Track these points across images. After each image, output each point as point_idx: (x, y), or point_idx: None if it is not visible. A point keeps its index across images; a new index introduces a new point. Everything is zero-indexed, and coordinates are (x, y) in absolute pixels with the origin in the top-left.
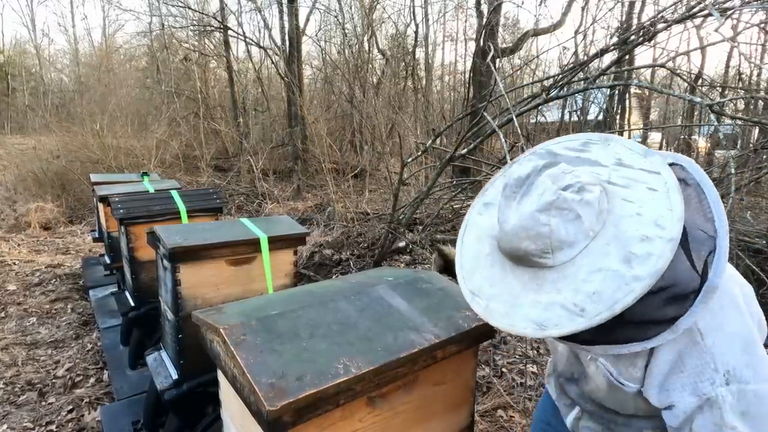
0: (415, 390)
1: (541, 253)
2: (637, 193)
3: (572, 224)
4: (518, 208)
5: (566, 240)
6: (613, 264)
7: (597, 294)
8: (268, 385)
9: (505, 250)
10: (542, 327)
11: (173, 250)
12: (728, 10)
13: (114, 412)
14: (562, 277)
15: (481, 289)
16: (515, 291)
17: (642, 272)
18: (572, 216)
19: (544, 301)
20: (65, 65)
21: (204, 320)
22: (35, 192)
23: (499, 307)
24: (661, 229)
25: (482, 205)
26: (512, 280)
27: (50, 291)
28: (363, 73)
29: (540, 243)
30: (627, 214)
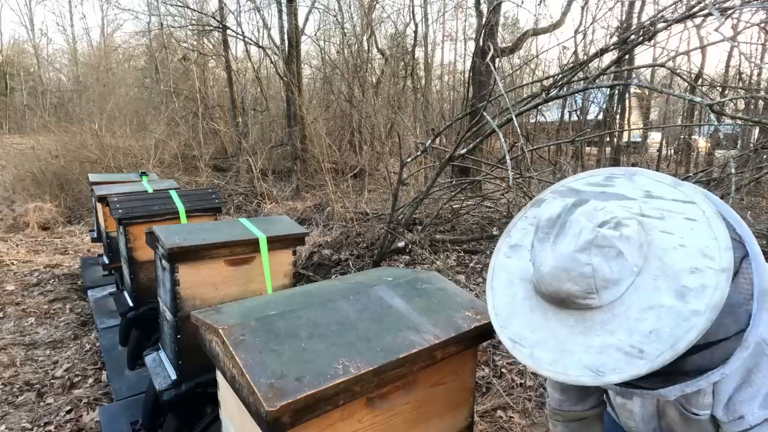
0: (414, 390)
1: (586, 294)
2: (676, 224)
3: (615, 261)
4: (555, 249)
5: (611, 278)
6: (666, 300)
7: (655, 333)
8: (267, 386)
9: (546, 293)
10: (599, 373)
11: (172, 250)
12: (728, 9)
13: (112, 412)
14: (612, 318)
15: (522, 337)
16: (561, 336)
17: (700, 306)
18: (614, 253)
19: (597, 344)
20: (64, 65)
21: (203, 320)
22: (33, 192)
23: (545, 355)
24: (710, 259)
25: (508, 247)
26: (556, 324)
27: (49, 291)
28: (362, 73)
29: (583, 284)
30: (670, 246)
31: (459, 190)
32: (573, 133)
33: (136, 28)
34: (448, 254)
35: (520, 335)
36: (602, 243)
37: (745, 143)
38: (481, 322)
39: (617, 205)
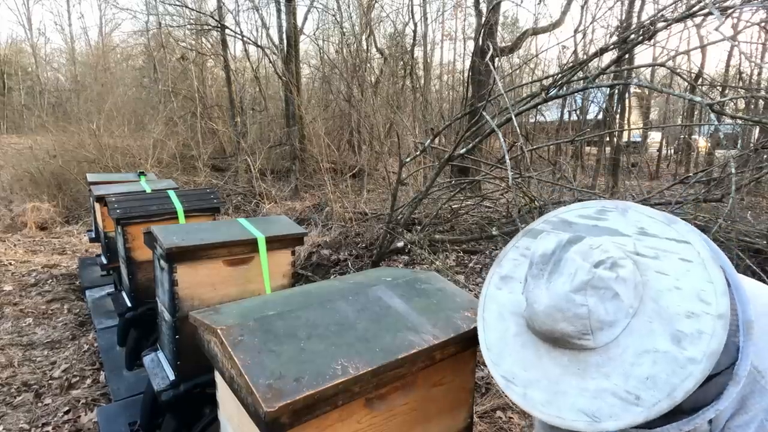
0: (413, 391)
1: (581, 335)
2: (670, 265)
3: (611, 303)
4: (549, 288)
5: (606, 320)
6: (662, 344)
7: (651, 380)
8: (265, 386)
9: (539, 331)
10: (595, 419)
11: (170, 250)
12: (728, 8)
13: (111, 413)
14: (607, 360)
15: (514, 375)
16: (554, 376)
17: (696, 353)
18: (610, 295)
19: (592, 388)
20: (62, 64)
21: (201, 321)
22: (31, 192)
23: (538, 395)
24: (706, 304)
25: (499, 279)
26: (549, 363)
27: (47, 291)
28: (361, 73)
29: (578, 324)
30: (665, 288)
31: (458, 190)
32: (573, 133)
33: (135, 28)
34: (448, 254)
35: (512, 373)
36: (598, 284)
37: (745, 143)
38: None
39: (611, 242)
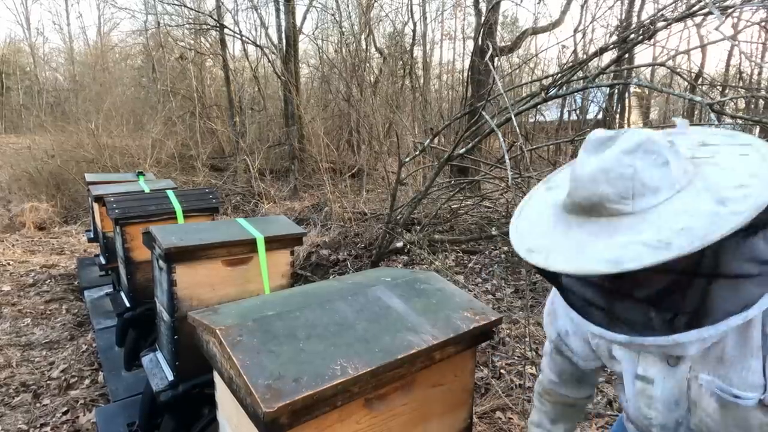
0: (413, 391)
1: (620, 199)
2: (727, 159)
3: (659, 169)
4: (600, 156)
5: (650, 185)
6: (705, 206)
7: (686, 229)
8: (264, 387)
9: (576, 200)
10: (617, 263)
11: (169, 250)
12: (729, 8)
13: (109, 413)
14: (641, 221)
15: (539, 246)
16: (582, 241)
17: (740, 208)
18: (661, 160)
19: (621, 241)
20: (60, 64)
21: (200, 321)
22: (30, 192)
23: (561, 257)
24: (756, 177)
25: (546, 188)
26: (578, 233)
27: (45, 292)
28: (360, 72)
29: (620, 186)
30: (721, 168)
31: (458, 190)
32: (572, 133)
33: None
34: (447, 254)
35: (537, 244)
36: (651, 148)
37: None
38: (479, 322)
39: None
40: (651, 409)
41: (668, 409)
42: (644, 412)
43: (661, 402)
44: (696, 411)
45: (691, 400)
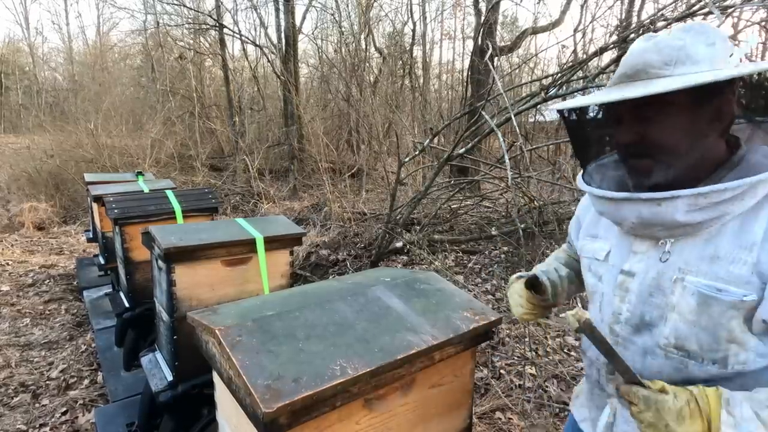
0: (412, 392)
1: (663, 65)
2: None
3: (705, 47)
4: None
5: (694, 57)
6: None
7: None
8: (263, 387)
9: (623, 70)
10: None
11: (168, 250)
12: (729, 8)
13: (108, 414)
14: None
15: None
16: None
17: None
18: (710, 40)
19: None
20: (59, 64)
21: (199, 321)
22: (29, 192)
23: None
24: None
25: None
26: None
27: (44, 292)
28: (360, 72)
29: (666, 53)
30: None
31: (457, 189)
32: None
33: (132, 27)
34: (447, 254)
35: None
36: (702, 30)
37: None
38: (479, 323)
39: None
40: (624, 302)
41: (641, 301)
42: (616, 308)
43: (636, 294)
44: (671, 317)
45: (670, 305)
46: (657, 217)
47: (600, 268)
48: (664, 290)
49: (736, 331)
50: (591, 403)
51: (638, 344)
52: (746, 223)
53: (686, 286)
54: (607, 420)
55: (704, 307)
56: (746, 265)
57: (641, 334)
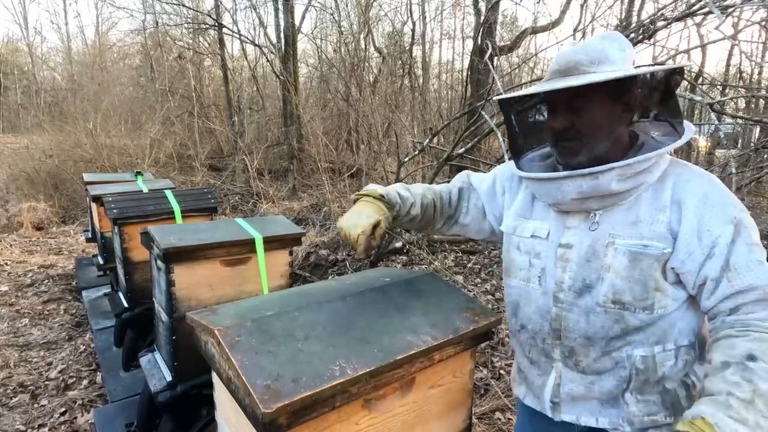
0: (412, 392)
1: (589, 63)
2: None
3: (619, 52)
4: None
5: (611, 58)
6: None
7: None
8: (263, 387)
9: (555, 68)
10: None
11: (167, 250)
12: (729, 7)
13: (107, 414)
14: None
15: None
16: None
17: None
18: (622, 46)
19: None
20: (58, 63)
21: (198, 321)
22: (28, 192)
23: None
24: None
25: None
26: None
27: (43, 292)
28: (359, 72)
29: (591, 55)
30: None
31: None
32: None
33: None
34: (446, 254)
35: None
36: (616, 37)
37: (745, 142)
38: (479, 323)
39: None
40: (566, 272)
41: (580, 267)
42: (559, 277)
43: (576, 262)
44: (607, 277)
45: (605, 266)
46: (595, 189)
47: (538, 246)
48: (599, 255)
49: (659, 281)
50: (531, 373)
51: (581, 306)
52: (656, 192)
53: (617, 248)
54: (554, 382)
55: (635, 262)
56: (663, 224)
57: (583, 297)
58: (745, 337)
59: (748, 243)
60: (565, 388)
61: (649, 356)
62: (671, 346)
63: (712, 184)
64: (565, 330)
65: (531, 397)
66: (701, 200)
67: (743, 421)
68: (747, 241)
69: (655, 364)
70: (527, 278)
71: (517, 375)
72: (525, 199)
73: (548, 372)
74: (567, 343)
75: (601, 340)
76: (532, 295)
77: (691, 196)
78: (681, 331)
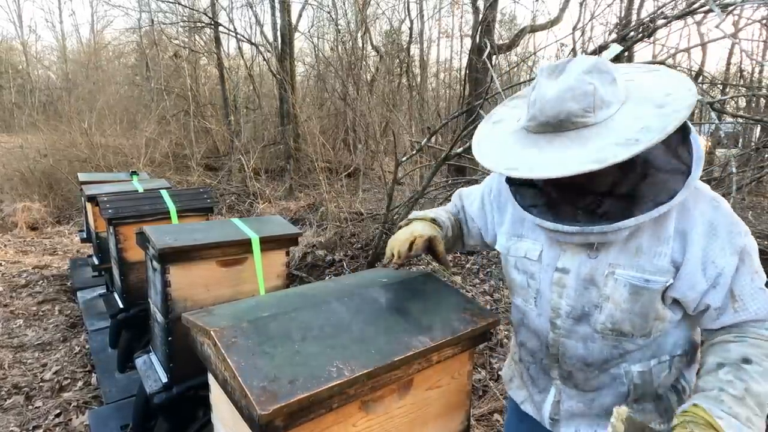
0: (409, 394)
1: (584, 113)
2: (644, 78)
3: (610, 86)
4: (560, 79)
5: (606, 99)
6: (650, 111)
7: (646, 128)
8: (259, 389)
9: (543, 120)
10: (601, 161)
11: (163, 250)
12: (729, 5)
13: (102, 416)
14: (606, 129)
15: (519, 164)
16: (558, 154)
17: (677, 107)
18: (611, 78)
19: (595, 146)
20: (53, 62)
21: (194, 322)
22: (22, 191)
23: (546, 166)
24: (677, 87)
25: (492, 123)
26: (550, 150)
27: (37, 293)
28: (357, 71)
29: (584, 102)
30: (644, 86)
31: (455, 189)
32: None
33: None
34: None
35: (515, 163)
36: (603, 68)
37: (746, 142)
38: (477, 324)
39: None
40: (563, 298)
41: (578, 294)
42: (555, 303)
43: (574, 288)
44: (606, 306)
45: (604, 296)
46: (603, 239)
47: (532, 267)
48: (598, 284)
49: (659, 311)
50: (532, 386)
51: (579, 333)
52: (659, 222)
53: (617, 279)
54: (554, 399)
55: (636, 296)
56: (665, 256)
57: (581, 324)
58: (741, 342)
59: (751, 271)
60: (565, 405)
61: (646, 371)
62: (666, 357)
63: (718, 210)
64: (563, 355)
65: (530, 406)
66: (706, 231)
67: (735, 415)
68: (750, 270)
69: (652, 377)
70: (526, 298)
71: (515, 379)
72: (515, 215)
73: (547, 389)
74: (565, 367)
75: (599, 362)
76: (529, 315)
77: (696, 226)
78: (676, 342)
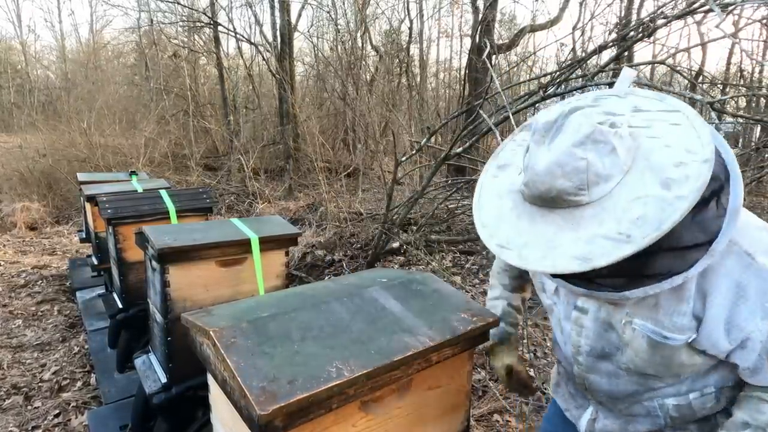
0: (409, 394)
1: (577, 191)
2: (661, 130)
3: (608, 157)
4: (551, 148)
5: (602, 174)
6: (652, 190)
7: (641, 219)
8: (259, 389)
9: (535, 193)
10: (586, 260)
11: (162, 250)
12: (729, 5)
13: (102, 416)
14: (600, 211)
15: (509, 241)
16: (548, 235)
17: (684, 191)
18: (608, 149)
19: (585, 236)
20: (52, 62)
21: (193, 322)
22: (21, 191)
23: (533, 253)
24: (693, 154)
25: (496, 167)
26: (543, 226)
27: (36, 293)
28: (356, 70)
29: (576, 180)
30: (656, 147)
31: (455, 189)
32: None
33: (126, 25)
34: (444, 255)
35: (507, 240)
36: (599, 138)
37: (746, 142)
38: (477, 324)
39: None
40: (581, 336)
41: (597, 335)
42: (575, 340)
43: (592, 330)
44: (626, 351)
45: (623, 341)
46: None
47: (553, 297)
48: (616, 329)
49: (685, 360)
50: (571, 400)
51: (602, 369)
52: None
53: (635, 329)
54: (590, 417)
55: (655, 349)
56: (685, 315)
57: (603, 361)
58: None
59: None
60: (600, 424)
61: (684, 404)
62: (711, 390)
63: (749, 270)
64: (590, 388)
65: (572, 415)
66: (732, 294)
67: None
68: None
69: (692, 410)
70: (554, 322)
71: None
72: None
73: (585, 406)
74: (595, 398)
75: (628, 397)
76: (557, 339)
77: (719, 288)
78: (725, 376)
